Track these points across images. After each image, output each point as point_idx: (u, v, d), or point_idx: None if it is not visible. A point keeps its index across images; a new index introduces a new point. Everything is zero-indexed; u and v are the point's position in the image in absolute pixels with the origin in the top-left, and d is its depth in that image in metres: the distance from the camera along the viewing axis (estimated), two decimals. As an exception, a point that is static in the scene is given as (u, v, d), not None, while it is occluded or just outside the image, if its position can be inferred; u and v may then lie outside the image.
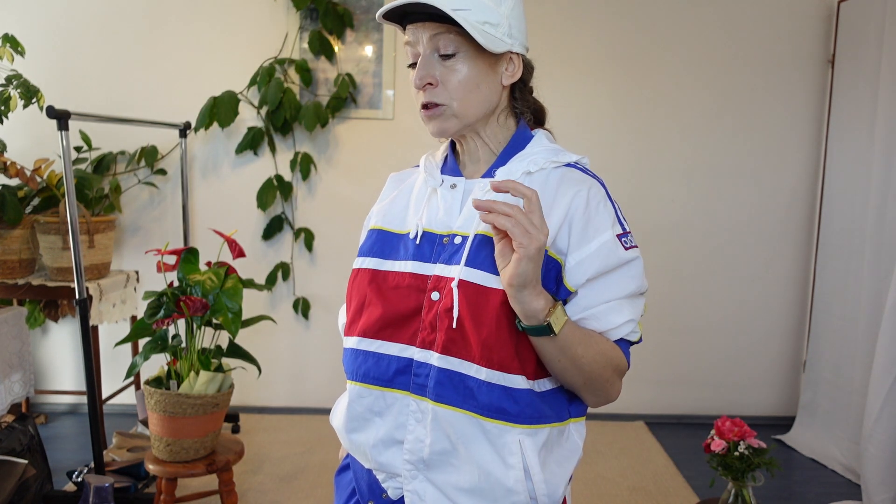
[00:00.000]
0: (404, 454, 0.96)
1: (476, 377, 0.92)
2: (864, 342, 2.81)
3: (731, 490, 1.85)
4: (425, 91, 0.97)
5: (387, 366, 0.97)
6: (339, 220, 3.33)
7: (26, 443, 2.34)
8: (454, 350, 0.92)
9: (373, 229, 1.08)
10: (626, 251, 0.95)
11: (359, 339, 1.00)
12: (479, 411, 0.92)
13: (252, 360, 2.22)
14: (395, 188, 1.13)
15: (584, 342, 0.92)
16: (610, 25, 3.28)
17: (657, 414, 3.49)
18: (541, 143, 1.03)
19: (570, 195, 0.96)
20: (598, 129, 3.34)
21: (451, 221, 0.99)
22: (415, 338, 0.95)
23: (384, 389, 0.97)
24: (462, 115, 0.97)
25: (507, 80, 1.00)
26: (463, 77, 0.95)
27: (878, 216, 2.76)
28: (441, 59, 0.96)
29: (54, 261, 2.63)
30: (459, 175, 1.04)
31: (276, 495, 2.59)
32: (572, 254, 0.94)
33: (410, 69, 0.99)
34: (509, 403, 0.92)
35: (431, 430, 0.94)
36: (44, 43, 3.16)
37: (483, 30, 0.92)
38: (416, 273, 0.97)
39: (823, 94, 3.31)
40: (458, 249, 0.96)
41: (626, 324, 0.95)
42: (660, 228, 3.38)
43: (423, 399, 0.94)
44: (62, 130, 2.22)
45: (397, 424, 0.96)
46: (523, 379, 0.93)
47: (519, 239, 0.83)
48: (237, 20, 3.22)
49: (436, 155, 1.10)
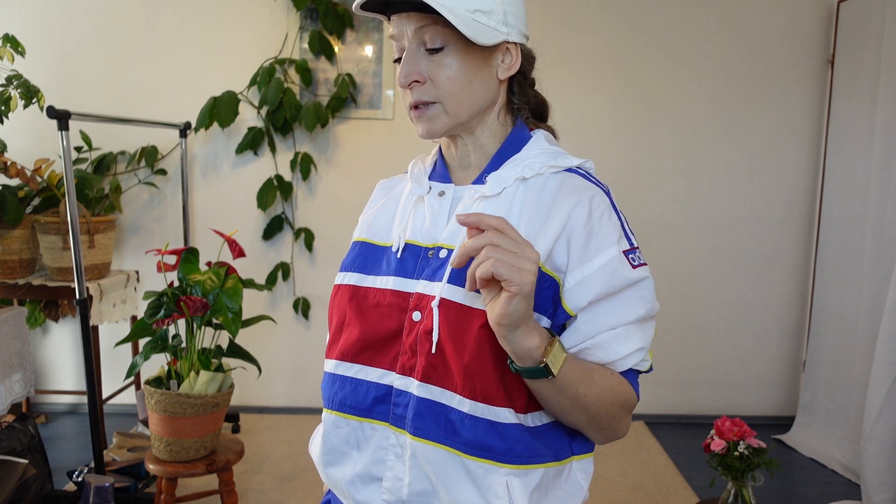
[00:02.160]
0: (383, 493, 0.86)
1: (458, 409, 0.81)
2: (864, 342, 2.81)
3: (731, 490, 1.85)
4: (412, 89, 0.87)
5: (365, 393, 0.87)
6: (339, 220, 3.33)
7: (26, 443, 2.34)
8: (435, 377, 0.82)
9: (356, 241, 0.98)
10: (633, 270, 0.83)
11: (336, 362, 0.91)
12: (461, 448, 0.81)
13: (252, 360, 2.22)
14: (383, 196, 1.03)
15: (586, 380, 0.80)
16: (609, 25, 3.28)
17: (657, 414, 3.49)
18: (539, 144, 0.92)
19: (569, 205, 0.84)
20: (596, 129, 3.34)
21: (437, 233, 0.89)
22: (395, 363, 0.85)
23: (362, 420, 0.87)
24: (454, 114, 0.87)
25: (504, 73, 0.90)
26: (453, 72, 0.85)
27: (878, 216, 2.76)
28: (428, 53, 0.85)
29: (54, 261, 2.63)
30: (449, 181, 0.93)
31: (276, 495, 2.60)
32: (572, 272, 0.82)
33: (396, 65, 0.89)
34: (495, 440, 0.81)
35: (410, 468, 0.83)
36: (44, 43, 3.16)
37: (473, 18, 0.81)
38: (398, 290, 0.87)
39: (823, 94, 3.31)
40: (442, 264, 0.86)
41: (635, 353, 0.84)
42: (659, 228, 3.38)
43: (402, 432, 0.84)
44: (62, 130, 2.22)
45: (375, 459, 0.86)
46: (511, 412, 0.82)
47: (506, 277, 0.70)
48: (237, 20, 3.22)
49: (425, 160, 1.01)
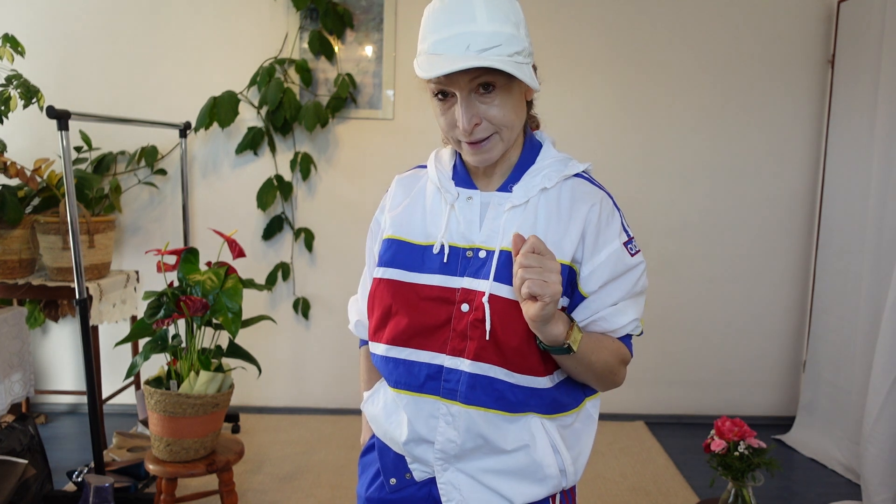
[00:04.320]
0: (436, 452, 1.03)
1: (505, 380, 0.99)
2: (864, 342, 2.81)
3: (731, 490, 1.85)
4: (473, 131, 0.98)
5: (418, 372, 1.03)
6: (339, 220, 3.33)
7: (26, 443, 2.34)
8: (486, 357, 0.99)
9: (390, 239, 1.09)
10: (631, 257, 1.03)
11: (387, 346, 1.05)
12: (507, 409, 1.00)
13: (252, 360, 2.22)
14: (406, 195, 1.14)
15: (596, 349, 1.00)
16: (609, 25, 3.28)
17: (657, 414, 3.49)
18: (549, 153, 1.08)
19: (585, 209, 1.02)
20: (597, 130, 3.34)
21: (473, 235, 1.03)
22: (444, 346, 1.01)
23: (415, 395, 1.03)
24: (507, 140, 1.01)
25: (530, 94, 1.04)
26: (505, 109, 0.97)
27: (878, 216, 2.76)
28: (479, 96, 0.97)
29: (54, 261, 2.63)
30: (472, 186, 1.07)
31: (276, 495, 2.60)
32: (586, 263, 1.01)
33: (438, 102, 0.99)
34: (535, 400, 1.02)
35: (462, 431, 1.01)
36: (44, 43, 3.16)
37: (515, 62, 0.93)
38: (444, 286, 1.02)
39: (823, 94, 3.31)
40: (483, 263, 1.01)
41: (631, 323, 1.04)
42: (659, 228, 3.38)
43: (454, 402, 1.00)
44: (62, 130, 2.22)
45: (429, 427, 1.02)
46: (547, 380, 1.02)
47: (538, 293, 0.89)
48: (237, 20, 3.22)
49: (443, 160, 1.12)
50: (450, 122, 0.99)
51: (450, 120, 0.99)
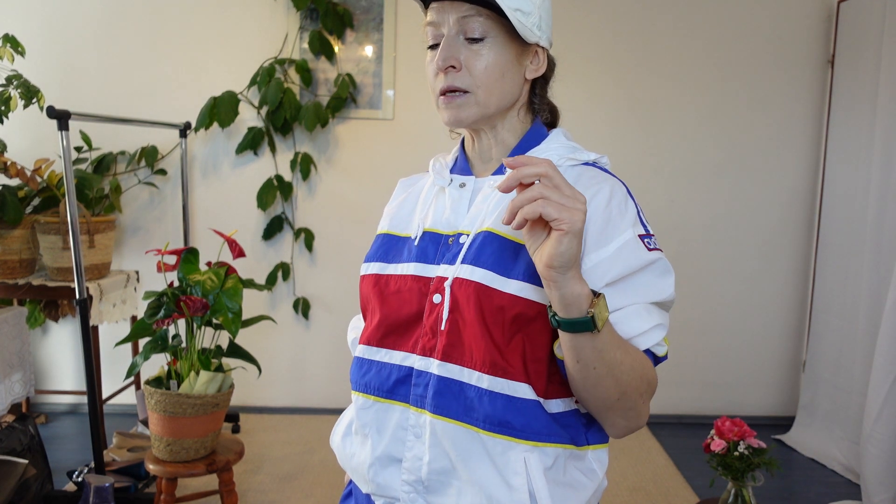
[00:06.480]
0: (402, 474, 0.89)
1: (477, 385, 0.84)
2: (864, 342, 2.81)
3: (731, 490, 1.85)
4: (447, 73, 0.89)
5: (387, 375, 0.91)
6: (339, 220, 3.33)
7: (26, 443, 2.34)
8: (455, 356, 0.85)
9: (379, 234, 1.03)
10: (648, 252, 0.85)
11: (364, 347, 0.95)
12: (479, 424, 0.84)
13: (252, 360, 2.22)
14: (404, 192, 1.08)
15: (622, 346, 0.81)
16: (610, 25, 3.28)
17: (657, 414, 3.49)
18: (557, 139, 0.97)
19: (588, 194, 0.86)
20: (596, 130, 3.34)
21: (458, 221, 0.93)
22: (416, 345, 0.89)
23: (384, 401, 0.91)
24: (483, 105, 0.90)
25: (531, 73, 0.95)
26: (489, 63, 0.89)
27: (878, 216, 2.76)
28: (467, 42, 0.89)
29: (54, 261, 2.63)
30: (469, 174, 0.98)
31: (276, 495, 2.60)
32: (589, 255, 0.84)
33: (429, 51, 0.92)
34: (513, 415, 0.83)
35: (430, 447, 0.86)
36: (44, 43, 3.16)
37: (515, 17, 0.86)
38: (418, 275, 0.91)
39: (823, 94, 3.31)
40: (462, 248, 0.90)
41: (653, 330, 0.84)
42: (659, 228, 3.37)
43: (422, 412, 0.87)
44: (62, 130, 2.22)
45: (395, 440, 0.89)
46: (529, 388, 0.84)
47: (556, 216, 0.71)
48: (237, 20, 3.22)
49: (447, 156, 1.06)
50: (434, 70, 0.91)
51: (434, 68, 0.91)
